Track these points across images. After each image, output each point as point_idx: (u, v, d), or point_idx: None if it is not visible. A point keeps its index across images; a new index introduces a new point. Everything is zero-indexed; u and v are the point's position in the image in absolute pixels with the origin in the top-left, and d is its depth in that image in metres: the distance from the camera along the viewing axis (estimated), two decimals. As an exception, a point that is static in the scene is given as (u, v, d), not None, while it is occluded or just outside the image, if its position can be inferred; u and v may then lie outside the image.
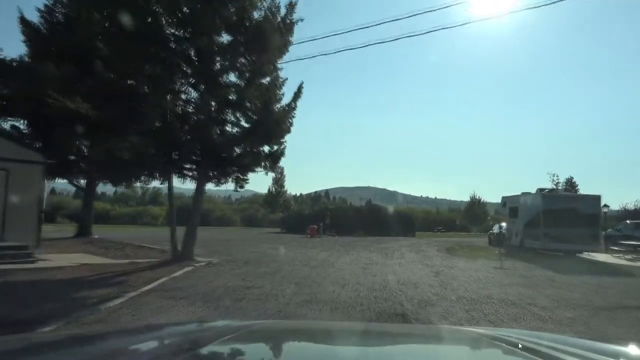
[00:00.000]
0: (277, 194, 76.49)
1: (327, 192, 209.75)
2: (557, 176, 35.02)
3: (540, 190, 21.39)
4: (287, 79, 13.31)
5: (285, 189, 78.49)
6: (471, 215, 60.67)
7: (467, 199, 66.46)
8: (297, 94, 12.93)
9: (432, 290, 9.60)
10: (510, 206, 22.38)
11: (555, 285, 11.08)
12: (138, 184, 18.36)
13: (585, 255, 19.63)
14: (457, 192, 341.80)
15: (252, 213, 72.83)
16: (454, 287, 10.16)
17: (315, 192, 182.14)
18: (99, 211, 61.53)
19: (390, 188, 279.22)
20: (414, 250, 20.80)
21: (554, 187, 30.57)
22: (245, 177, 13.57)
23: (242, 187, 13.77)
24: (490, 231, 27.74)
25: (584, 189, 58.27)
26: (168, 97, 12.25)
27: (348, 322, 5.87)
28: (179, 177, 13.03)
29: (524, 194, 21.89)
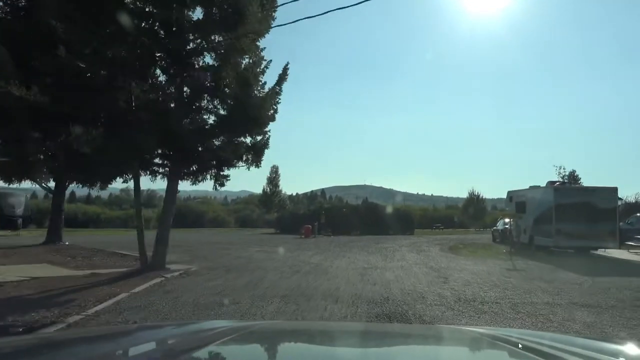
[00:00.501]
0: (272, 194, 74.82)
1: (323, 191, 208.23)
2: (563, 168, 33.02)
3: (551, 183, 19.86)
4: (271, 60, 11.67)
5: (280, 188, 76.66)
6: (470, 212, 59.15)
7: (464, 195, 64.95)
8: (282, 77, 11.28)
9: (444, 303, 8.00)
10: (517, 201, 20.75)
11: (587, 291, 9.51)
12: (114, 184, 16.47)
13: (601, 252, 18.09)
14: (453, 189, 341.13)
15: (247, 214, 71.05)
16: (468, 298, 8.56)
17: (312, 191, 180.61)
18: (90, 215, 59.94)
19: (387, 186, 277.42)
20: (415, 250, 19.21)
21: (562, 180, 28.83)
22: (225, 174, 11.90)
23: (222, 184, 12.09)
24: (494, 228, 26.12)
25: (585, 183, 57.19)
26: (133, 83, 10.58)
27: (348, 322, 5.68)
28: (147, 174, 11.35)
29: (532, 187, 20.33)
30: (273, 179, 75.14)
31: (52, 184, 17.32)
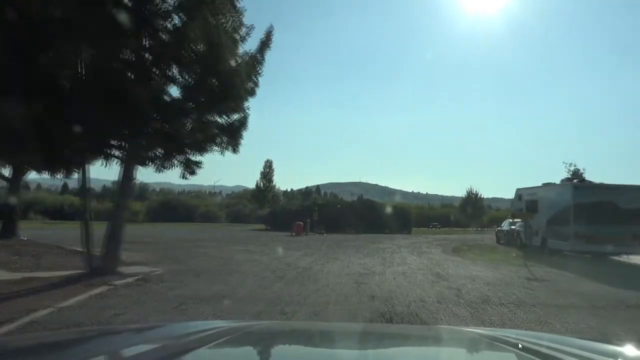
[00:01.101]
0: (265, 189, 72.78)
1: (318, 187, 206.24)
2: (574, 165, 30.97)
3: (568, 180, 18.02)
4: (253, 27, 9.69)
5: (274, 183, 74.39)
6: (468, 211, 57.40)
7: (458, 194, 63.37)
8: (266, 43, 9.31)
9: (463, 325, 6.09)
10: (528, 199, 18.83)
11: None
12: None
13: (624, 258, 16.27)
14: (448, 187, 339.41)
15: (239, 209, 69.02)
16: (493, 320, 6.67)
17: (307, 187, 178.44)
18: (77, 207, 57.94)
19: (382, 184, 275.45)
20: (415, 251, 17.33)
21: (571, 177, 26.88)
22: (195, 160, 9.92)
23: (192, 173, 10.12)
24: (499, 228, 24.26)
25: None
26: (81, 46, 8.55)
27: (347, 323, 5.62)
28: (100, 157, 9.37)
29: (545, 185, 18.46)
30: (267, 173, 73.13)
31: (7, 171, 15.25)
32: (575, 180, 18.43)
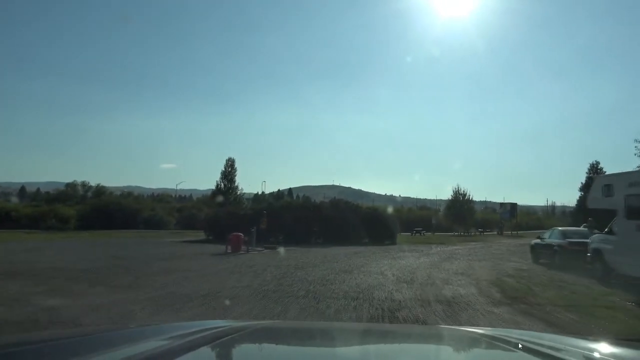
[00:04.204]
0: (227, 191, 63.47)
1: (290, 190, 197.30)
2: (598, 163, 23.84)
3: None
4: None
5: (236, 184, 64.83)
6: (452, 212, 49.92)
7: (431, 197, 56.35)
8: None
9: None
10: (632, 193, 10.46)
11: None
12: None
13: None
14: (422, 190, 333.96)
15: (193, 213, 58.99)
16: None
17: (279, 190, 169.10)
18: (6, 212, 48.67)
19: (356, 186, 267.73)
20: (432, 295, 9.04)
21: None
22: None
23: None
24: (538, 240, 16.17)
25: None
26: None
27: (348, 322, 5.58)
28: None
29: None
30: (228, 173, 64.01)
31: None
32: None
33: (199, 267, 12.94)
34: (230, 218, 26.76)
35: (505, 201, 61.67)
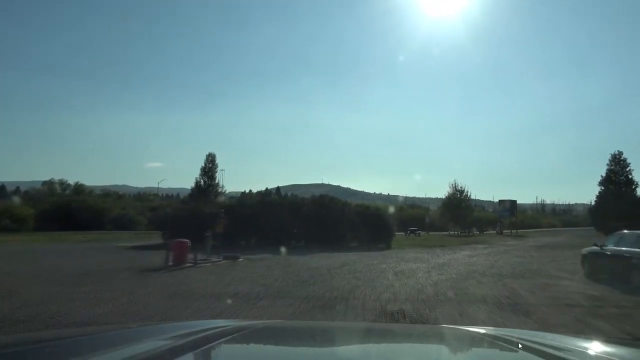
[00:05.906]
0: (207, 188, 58.31)
1: (278, 188, 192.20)
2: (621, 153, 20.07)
3: None
4: None
5: (217, 181, 59.87)
6: (451, 211, 45.87)
7: (421, 195, 52.48)
8: None
9: None
10: None
11: None
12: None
13: None
14: (411, 188, 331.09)
15: (168, 212, 53.99)
16: None
17: (266, 188, 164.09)
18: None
19: (344, 185, 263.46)
20: None
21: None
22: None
23: None
24: (593, 249, 11.66)
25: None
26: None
27: (349, 322, 5.60)
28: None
29: None
30: (209, 169, 58.73)
31: None
32: None
33: (85, 301, 8.07)
34: (193, 217, 22.18)
35: (495, 199, 58.10)
